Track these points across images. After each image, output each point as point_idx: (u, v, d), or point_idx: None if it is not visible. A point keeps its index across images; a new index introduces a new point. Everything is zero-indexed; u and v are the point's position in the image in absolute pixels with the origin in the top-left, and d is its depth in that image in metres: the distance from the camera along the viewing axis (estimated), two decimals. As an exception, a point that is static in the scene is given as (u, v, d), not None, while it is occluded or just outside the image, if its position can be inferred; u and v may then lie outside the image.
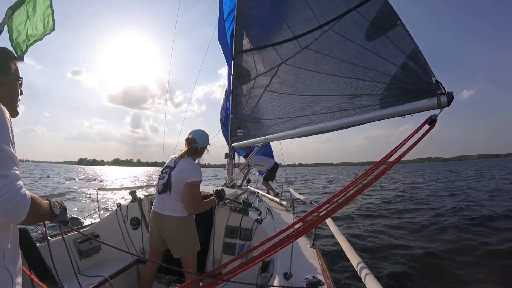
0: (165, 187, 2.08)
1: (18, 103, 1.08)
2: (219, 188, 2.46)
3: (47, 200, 1.01)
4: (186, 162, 2.12)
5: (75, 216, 6.68)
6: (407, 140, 1.48)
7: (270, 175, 6.35)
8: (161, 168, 2.24)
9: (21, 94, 1.09)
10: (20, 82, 1.08)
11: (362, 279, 1.54)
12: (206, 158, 2.31)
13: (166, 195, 2.07)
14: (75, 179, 28.31)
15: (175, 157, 2.19)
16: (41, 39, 2.02)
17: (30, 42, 1.95)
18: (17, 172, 0.85)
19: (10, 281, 0.89)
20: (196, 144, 2.17)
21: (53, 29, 2.04)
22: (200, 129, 2.26)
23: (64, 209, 1.09)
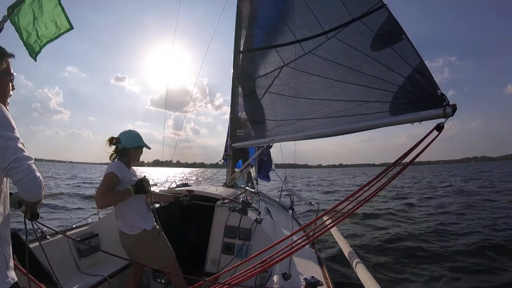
0: None
1: (9, 99, 1.15)
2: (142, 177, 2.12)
3: None
4: (110, 164, 2.02)
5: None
6: (418, 145, 1.67)
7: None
8: (198, 169, 2.21)
9: (13, 89, 1.15)
10: (11, 78, 1.14)
11: (361, 279, 1.62)
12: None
13: (114, 209, 1.99)
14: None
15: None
16: (56, 38, 1.93)
17: (43, 42, 1.87)
18: None
19: (5, 264, 0.99)
20: (120, 143, 2.04)
21: (71, 27, 1.96)
22: (128, 130, 2.13)
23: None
